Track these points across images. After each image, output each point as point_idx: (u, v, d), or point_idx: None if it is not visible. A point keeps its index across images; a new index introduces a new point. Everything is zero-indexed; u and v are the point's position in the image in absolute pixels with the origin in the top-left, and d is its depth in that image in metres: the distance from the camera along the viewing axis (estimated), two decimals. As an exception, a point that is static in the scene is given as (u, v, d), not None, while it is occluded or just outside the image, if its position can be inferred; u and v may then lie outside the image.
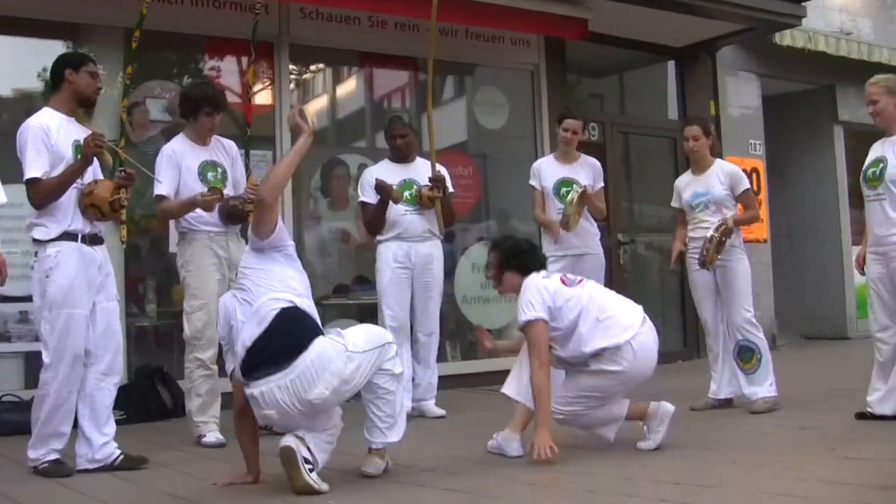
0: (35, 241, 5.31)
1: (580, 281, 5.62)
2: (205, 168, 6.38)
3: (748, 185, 7.14)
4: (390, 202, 7.12)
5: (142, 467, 5.40)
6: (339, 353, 4.58)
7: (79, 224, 5.33)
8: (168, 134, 6.59)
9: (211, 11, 8.18)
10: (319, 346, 4.59)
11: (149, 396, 7.38)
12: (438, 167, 7.30)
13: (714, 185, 6.97)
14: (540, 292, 5.39)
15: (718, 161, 7.19)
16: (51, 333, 5.23)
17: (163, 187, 6.26)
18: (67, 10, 7.58)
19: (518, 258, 5.65)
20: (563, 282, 5.51)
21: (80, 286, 5.27)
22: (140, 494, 4.87)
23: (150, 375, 7.45)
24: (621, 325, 5.33)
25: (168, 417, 7.35)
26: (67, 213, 5.30)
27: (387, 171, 7.23)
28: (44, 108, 5.48)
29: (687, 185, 7.16)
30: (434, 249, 7.36)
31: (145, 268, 8.13)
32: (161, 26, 7.67)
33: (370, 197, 7.14)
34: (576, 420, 5.47)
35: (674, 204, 7.31)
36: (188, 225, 6.35)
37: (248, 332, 4.66)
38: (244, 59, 8.48)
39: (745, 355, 6.79)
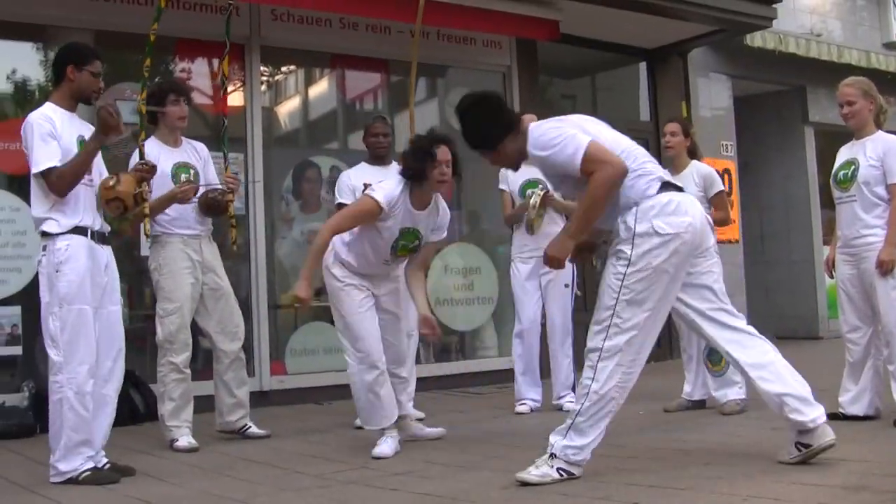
0: (44, 234, 5.18)
1: None
2: (177, 170, 6.37)
3: (722, 188, 7.17)
4: None
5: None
6: None
7: (89, 220, 5.22)
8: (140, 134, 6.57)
9: (181, 13, 8.14)
10: None
11: (120, 401, 7.26)
12: None
13: (689, 186, 6.98)
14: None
15: (694, 163, 7.22)
16: (62, 330, 5.07)
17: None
18: (37, 11, 7.54)
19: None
20: None
21: (88, 282, 5.15)
22: (111, 500, 4.81)
23: (121, 379, 7.39)
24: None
25: (140, 422, 7.31)
26: (78, 208, 5.20)
27: (364, 174, 7.15)
28: (45, 102, 5.37)
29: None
30: None
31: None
32: (131, 27, 7.63)
33: (348, 199, 7.11)
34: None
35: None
36: (161, 228, 6.32)
37: None
38: (215, 61, 8.47)
39: (714, 357, 6.79)
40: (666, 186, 4.80)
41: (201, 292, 6.40)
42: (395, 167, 7.33)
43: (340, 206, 7.24)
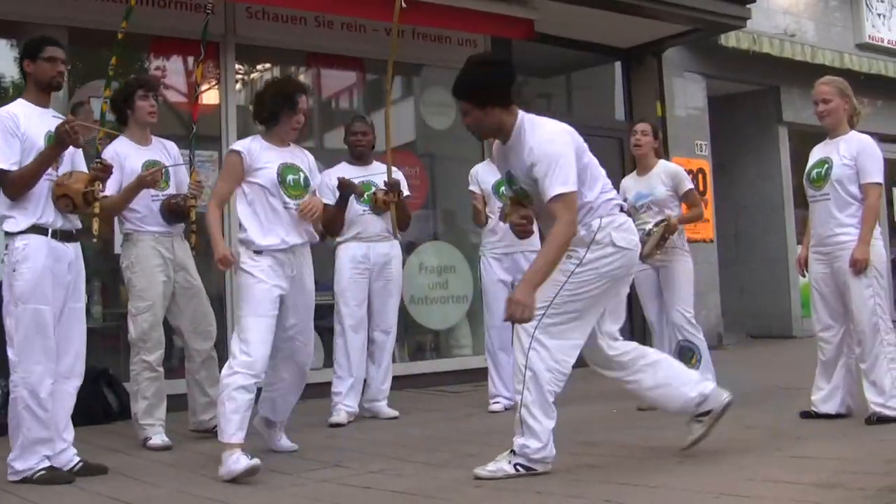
0: (6, 233, 5.13)
1: None
2: (148, 168, 6.32)
3: (691, 185, 7.23)
4: (350, 201, 7.08)
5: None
6: None
7: (50, 217, 5.17)
8: (112, 135, 6.54)
9: (156, 11, 8.11)
10: None
11: (94, 399, 7.27)
12: (394, 171, 7.27)
13: (657, 186, 7.05)
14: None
15: (662, 162, 7.27)
16: (16, 329, 5.04)
17: (106, 189, 6.18)
18: (11, 9, 7.48)
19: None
20: None
21: (48, 282, 5.10)
22: (84, 499, 4.79)
23: (95, 378, 7.34)
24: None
25: (114, 420, 7.26)
26: (38, 205, 5.14)
27: (345, 174, 7.16)
28: (17, 99, 5.33)
29: (631, 186, 7.24)
30: (392, 249, 7.35)
31: (90, 269, 8.00)
32: (105, 25, 7.59)
33: (328, 198, 7.10)
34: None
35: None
36: (132, 226, 6.31)
37: None
38: (190, 59, 8.44)
39: (686, 355, 6.84)
40: (621, 209, 5.08)
41: (173, 290, 6.38)
42: (376, 166, 7.34)
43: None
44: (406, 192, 7.36)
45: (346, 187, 7.01)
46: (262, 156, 5.64)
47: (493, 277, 7.52)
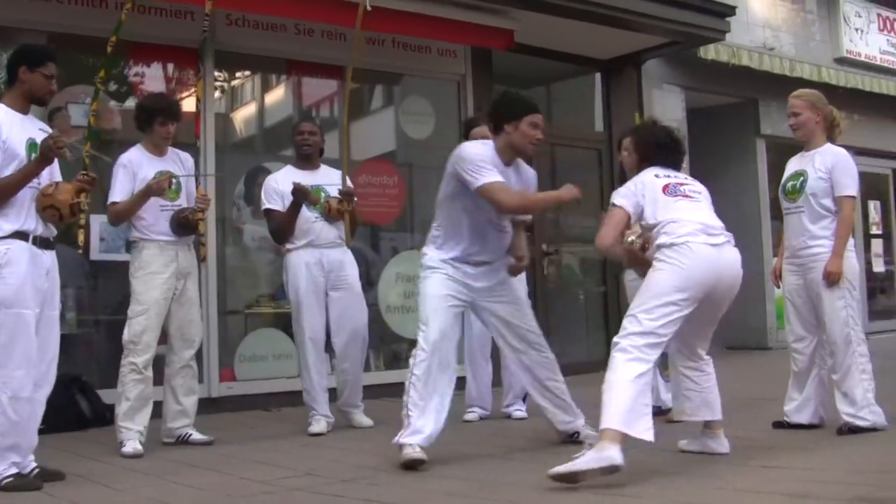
0: None
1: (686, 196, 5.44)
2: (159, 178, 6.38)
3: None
4: (302, 207, 7.01)
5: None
6: None
7: (31, 224, 5.16)
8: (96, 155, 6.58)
9: (135, 16, 8.05)
10: None
11: (67, 406, 7.25)
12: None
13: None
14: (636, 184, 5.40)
15: None
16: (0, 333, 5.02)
17: (117, 195, 6.35)
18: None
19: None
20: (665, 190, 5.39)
21: (29, 287, 5.09)
22: (53, 505, 4.78)
23: (69, 384, 7.32)
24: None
25: (86, 427, 7.24)
26: (21, 212, 5.13)
27: (292, 178, 7.07)
28: None
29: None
30: (345, 255, 7.22)
31: (65, 276, 7.97)
32: (84, 30, 7.60)
33: (277, 204, 7.05)
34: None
35: None
36: (139, 234, 6.41)
37: None
38: (170, 65, 8.43)
39: (666, 363, 6.84)
40: None
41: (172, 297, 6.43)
42: (324, 171, 7.28)
43: (268, 211, 7.16)
44: (355, 199, 7.30)
45: (300, 194, 6.92)
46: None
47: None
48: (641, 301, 5.06)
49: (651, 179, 5.38)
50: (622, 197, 5.35)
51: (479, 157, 5.65)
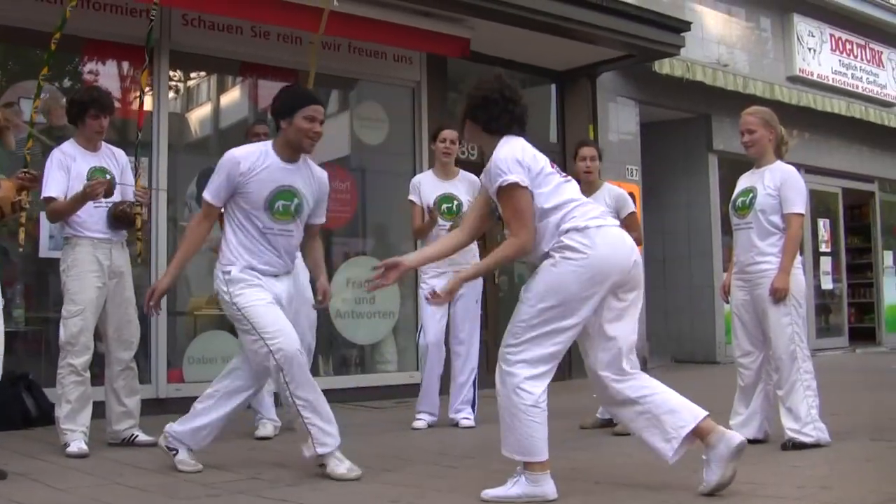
0: None
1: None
2: (94, 173, 6.33)
3: (633, 209, 7.31)
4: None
5: None
6: None
7: None
8: (42, 141, 6.50)
9: (90, 13, 8.03)
10: None
11: (12, 404, 7.18)
12: None
13: (600, 207, 7.07)
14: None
15: (606, 184, 7.36)
16: None
17: (52, 189, 6.21)
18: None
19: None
20: None
21: None
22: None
23: (14, 382, 7.25)
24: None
25: (32, 426, 7.16)
26: None
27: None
28: None
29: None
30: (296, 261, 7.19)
31: (13, 272, 7.93)
32: (39, 25, 7.52)
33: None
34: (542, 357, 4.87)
35: None
36: (73, 231, 6.30)
37: None
38: (125, 63, 8.37)
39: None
40: None
41: (106, 297, 6.35)
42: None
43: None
44: None
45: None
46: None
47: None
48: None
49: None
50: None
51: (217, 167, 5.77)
